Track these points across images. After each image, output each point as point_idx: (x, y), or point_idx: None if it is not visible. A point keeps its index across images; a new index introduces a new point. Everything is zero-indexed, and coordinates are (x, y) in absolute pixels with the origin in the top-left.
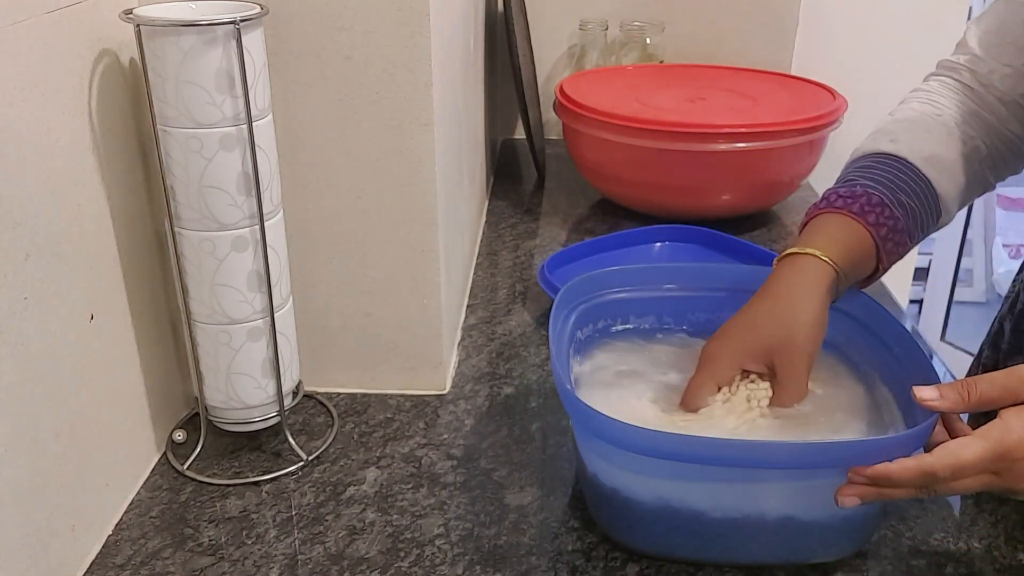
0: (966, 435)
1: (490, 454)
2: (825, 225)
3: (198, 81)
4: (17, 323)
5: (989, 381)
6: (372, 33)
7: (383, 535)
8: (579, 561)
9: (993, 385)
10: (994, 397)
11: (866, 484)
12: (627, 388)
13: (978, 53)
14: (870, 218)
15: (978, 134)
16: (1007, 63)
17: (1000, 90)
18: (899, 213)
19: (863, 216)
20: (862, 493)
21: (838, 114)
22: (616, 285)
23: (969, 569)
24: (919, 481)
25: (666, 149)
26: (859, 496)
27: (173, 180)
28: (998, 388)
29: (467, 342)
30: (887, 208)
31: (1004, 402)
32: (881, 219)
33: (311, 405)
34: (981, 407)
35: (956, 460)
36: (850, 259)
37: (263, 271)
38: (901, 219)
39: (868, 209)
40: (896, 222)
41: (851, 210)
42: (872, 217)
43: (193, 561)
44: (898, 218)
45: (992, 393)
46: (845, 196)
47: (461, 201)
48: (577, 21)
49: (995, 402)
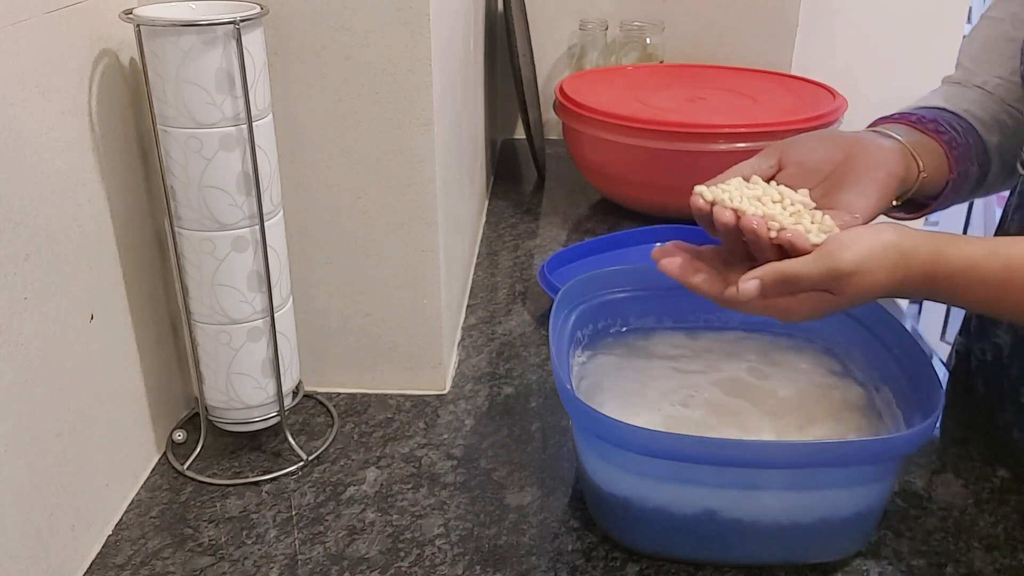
0: None
1: (490, 454)
2: (885, 127)
3: (198, 81)
4: (17, 323)
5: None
6: (372, 33)
7: (383, 535)
8: (579, 561)
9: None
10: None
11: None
12: (627, 388)
13: (970, 67)
14: (929, 126)
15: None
16: (997, 75)
17: (997, 97)
18: (954, 132)
19: (922, 124)
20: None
21: (838, 114)
22: (616, 285)
23: (969, 569)
24: (770, 283)
25: (666, 149)
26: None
27: (173, 180)
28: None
29: (467, 342)
30: (942, 124)
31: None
32: (940, 129)
33: (311, 405)
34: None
35: (794, 270)
36: (918, 149)
37: (263, 271)
38: (958, 136)
39: (927, 121)
40: (955, 137)
41: (908, 120)
42: (932, 126)
43: (193, 561)
44: (955, 135)
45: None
46: (896, 116)
47: (461, 201)
48: (577, 21)
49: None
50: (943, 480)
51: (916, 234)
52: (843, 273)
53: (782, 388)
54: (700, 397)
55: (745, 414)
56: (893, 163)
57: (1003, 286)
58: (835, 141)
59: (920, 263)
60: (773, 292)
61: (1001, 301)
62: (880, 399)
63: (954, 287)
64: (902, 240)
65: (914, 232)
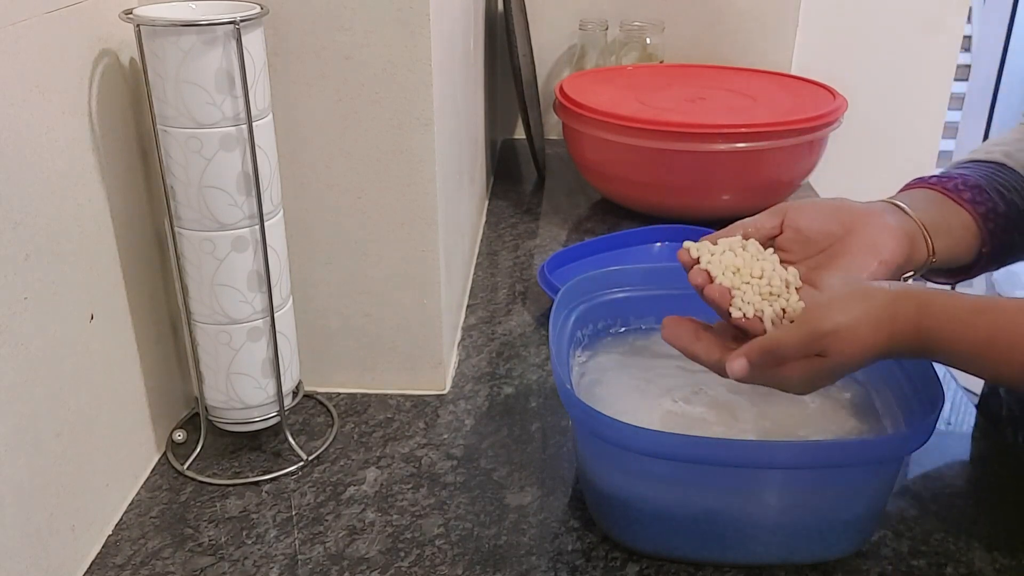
0: None
1: (490, 454)
2: (912, 195)
3: (198, 81)
4: (17, 323)
5: (792, 347)
6: (372, 33)
7: (383, 535)
8: (579, 561)
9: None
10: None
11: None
12: (627, 385)
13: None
14: (965, 195)
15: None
16: None
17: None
18: (998, 199)
19: (957, 193)
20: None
21: (838, 114)
22: (616, 285)
23: (969, 569)
24: (755, 358)
25: (666, 149)
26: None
27: (173, 180)
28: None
29: (467, 342)
30: (985, 192)
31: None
32: (979, 198)
33: (311, 405)
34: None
35: (776, 341)
36: (937, 226)
37: (263, 271)
38: (1001, 204)
39: (963, 188)
40: (996, 205)
41: (944, 187)
42: (968, 195)
43: (193, 561)
44: (998, 202)
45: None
46: (934, 179)
47: (461, 201)
48: (577, 21)
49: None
50: (943, 480)
51: (904, 291)
52: (823, 333)
53: None
54: (700, 395)
55: (745, 413)
56: (891, 251)
57: (989, 342)
58: (838, 214)
59: (905, 318)
60: (761, 366)
61: (984, 358)
62: (880, 399)
63: (940, 341)
64: (885, 298)
65: (903, 289)
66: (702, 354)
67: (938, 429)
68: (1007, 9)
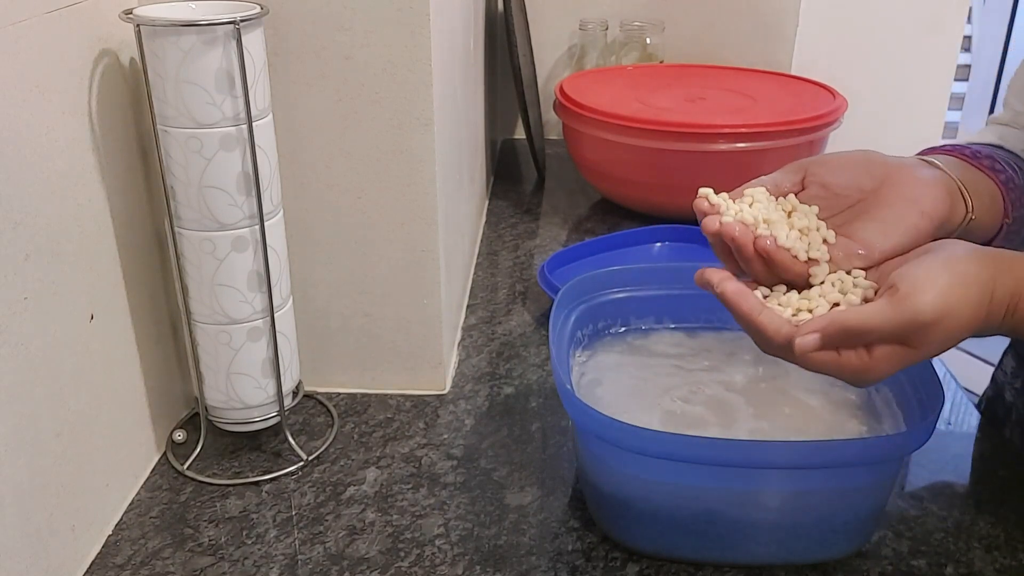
0: None
1: (490, 454)
2: (935, 157)
3: (198, 81)
4: (17, 323)
5: (884, 331)
6: (372, 33)
7: (383, 535)
8: (579, 561)
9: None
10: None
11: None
12: (627, 384)
13: (1018, 108)
14: (985, 162)
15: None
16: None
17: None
18: (1011, 171)
19: (977, 160)
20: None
21: (838, 114)
22: (616, 285)
23: (969, 569)
24: (834, 337)
25: (666, 149)
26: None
27: (173, 180)
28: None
29: (467, 342)
30: (998, 162)
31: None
32: (997, 166)
33: (311, 405)
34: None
35: (863, 320)
36: (970, 185)
37: (263, 271)
38: (1016, 176)
39: (981, 156)
40: (1011, 176)
41: (962, 153)
42: (987, 162)
43: (193, 561)
44: (1012, 174)
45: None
46: (947, 147)
47: (461, 201)
48: (577, 21)
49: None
50: (943, 480)
51: (992, 258)
52: (925, 323)
53: (782, 387)
54: (699, 395)
55: (744, 413)
56: (932, 202)
57: None
58: (869, 166)
59: (1002, 296)
60: (838, 345)
61: None
62: (880, 399)
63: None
64: (980, 270)
65: (990, 254)
66: (769, 325)
67: (938, 429)
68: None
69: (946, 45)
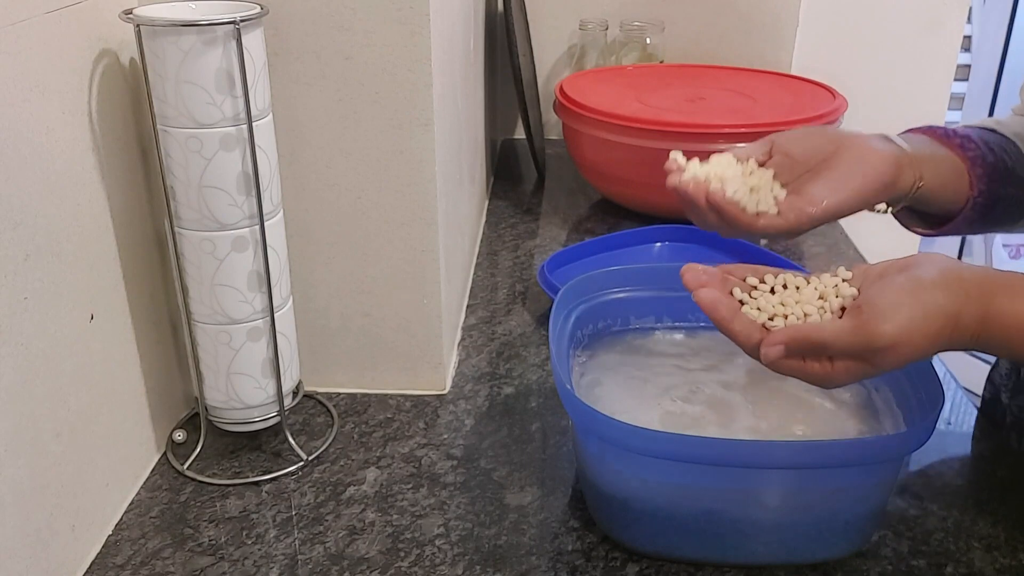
0: None
1: (490, 454)
2: (902, 135)
3: (198, 81)
4: (17, 323)
5: (840, 348)
6: (372, 33)
7: (383, 535)
8: (579, 561)
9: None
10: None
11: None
12: (626, 384)
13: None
14: (955, 141)
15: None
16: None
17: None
18: (987, 151)
19: (947, 138)
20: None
21: (838, 114)
22: (616, 285)
23: (969, 569)
24: (797, 348)
25: (666, 149)
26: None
27: (173, 180)
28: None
29: (467, 342)
30: (973, 141)
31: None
32: (967, 145)
33: (311, 405)
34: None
35: (823, 336)
36: (926, 157)
37: (263, 271)
38: (991, 156)
39: (953, 136)
40: (985, 155)
41: (933, 133)
42: (958, 141)
43: (193, 561)
44: (987, 153)
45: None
46: (925, 127)
47: (461, 201)
48: (577, 21)
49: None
50: (943, 480)
51: (962, 285)
52: (879, 349)
53: (781, 387)
54: (699, 394)
55: (744, 412)
56: (877, 166)
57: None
58: (828, 136)
59: (968, 326)
60: (800, 354)
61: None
62: (880, 399)
63: (1007, 345)
64: (946, 302)
65: (960, 281)
66: (740, 332)
67: (938, 429)
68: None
69: (946, 45)
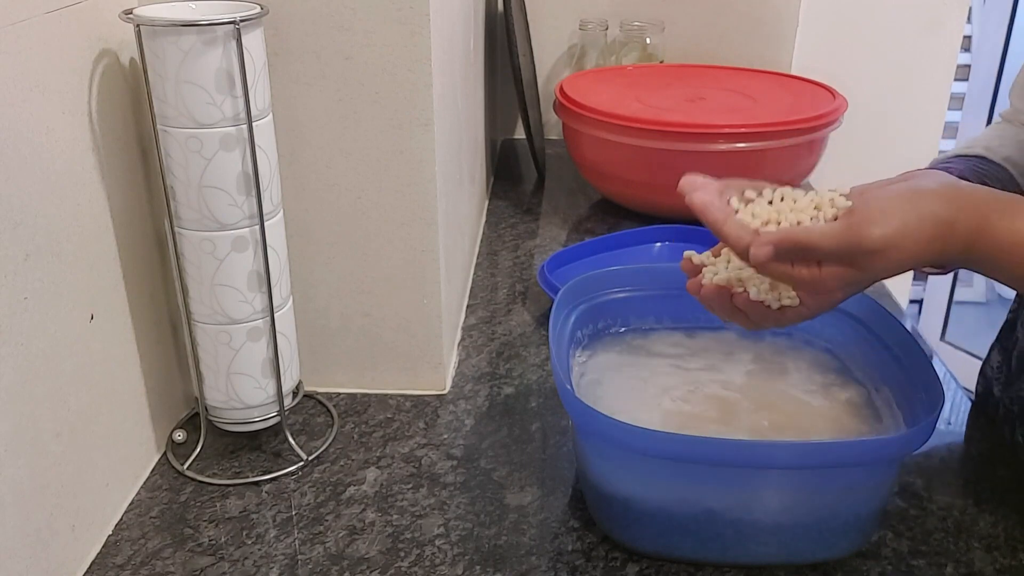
0: None
1: (490, 454)
2: None
3: (198, 81)
4: (17, 323)
5: (828, 251)
6: (372, 33)
7: (383, 535)
8: (579, 561)
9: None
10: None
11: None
12: (626, 385)
13: (1019, 105)
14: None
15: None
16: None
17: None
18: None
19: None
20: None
21: (838, 114)
22: (616, 285)
23: (969, 569)
24: (786, 251)
25: (666, 149)
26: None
27: (173, 180)
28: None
29: (467, 342)
30: (967, 179)
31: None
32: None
33: (311, 405)
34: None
35: (811, 238)
36: None
37: (263, 271)
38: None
39: (961, 177)
40: None
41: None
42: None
43: (193, 561)
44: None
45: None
46: (924, 170)
47: (461, 201)
48: (577, 21)
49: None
50: (943, 480)
51: (960, 197)
52: (868, 251)
53: (781, 387)
54: (699, 394)
55: (744, 413)
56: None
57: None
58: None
59: (961, 236)
60: (788, 258)
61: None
62: (880, 399)
63: (996, 263)
64: (941, 210)
65: (957, 192)
66: (732, 234)
67: (938, 429)
68: (1007, 9)
69: (946, 45)
